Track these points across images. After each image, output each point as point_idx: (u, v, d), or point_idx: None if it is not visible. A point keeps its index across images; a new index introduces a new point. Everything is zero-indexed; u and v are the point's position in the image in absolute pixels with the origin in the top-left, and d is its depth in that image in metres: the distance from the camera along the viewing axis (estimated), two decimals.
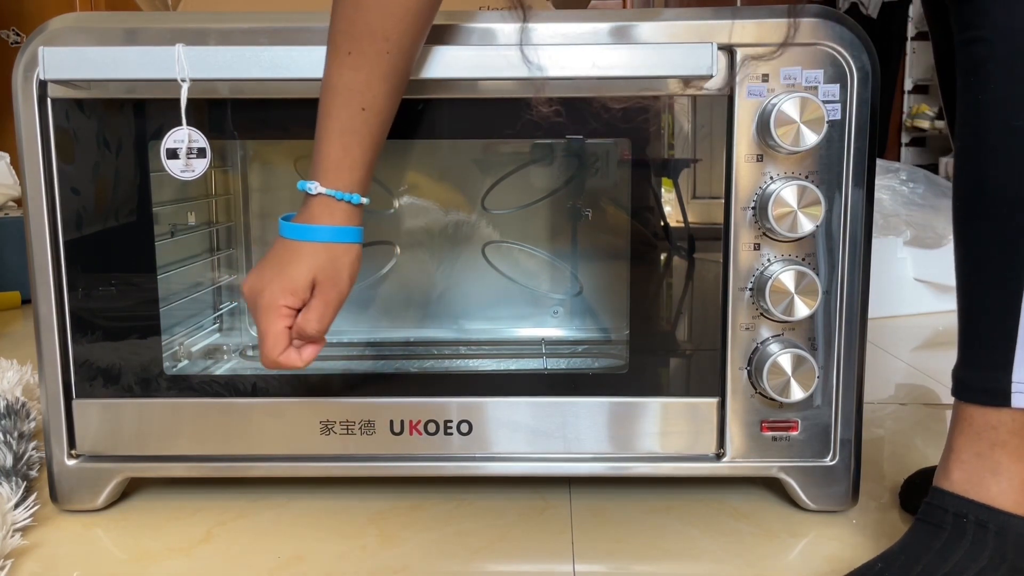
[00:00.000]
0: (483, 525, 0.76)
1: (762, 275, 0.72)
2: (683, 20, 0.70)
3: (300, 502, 0.80)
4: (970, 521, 0.59)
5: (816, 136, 0.68)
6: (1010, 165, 0.58)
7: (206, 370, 0.94)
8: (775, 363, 0.71)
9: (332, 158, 0.63)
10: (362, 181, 0.65)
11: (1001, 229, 0.59)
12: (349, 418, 0.76)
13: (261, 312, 0.64)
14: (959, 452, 0.62)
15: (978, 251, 0.61)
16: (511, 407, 0.76)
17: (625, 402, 0.76)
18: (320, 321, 0.65)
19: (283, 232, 0.66)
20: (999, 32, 0.57)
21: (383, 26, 0.62)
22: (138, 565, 0.70)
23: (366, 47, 0.62)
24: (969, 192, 0.61)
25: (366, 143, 0.64)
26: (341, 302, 0.66)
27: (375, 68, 0.62)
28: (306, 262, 0.64)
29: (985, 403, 0.61)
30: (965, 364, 0.63)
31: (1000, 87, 0.57)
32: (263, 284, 0.65)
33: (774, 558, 0.70)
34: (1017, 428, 0.60)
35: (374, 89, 0.63)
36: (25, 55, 0.71)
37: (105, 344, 0.76)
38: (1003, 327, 0.59)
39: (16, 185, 1.92)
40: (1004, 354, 0.59)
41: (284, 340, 0.65)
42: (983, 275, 0.61)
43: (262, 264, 0.66)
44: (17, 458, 0.82)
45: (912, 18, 3.86)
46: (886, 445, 0.96)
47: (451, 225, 1.01)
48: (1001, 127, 0.58)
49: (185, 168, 0.71)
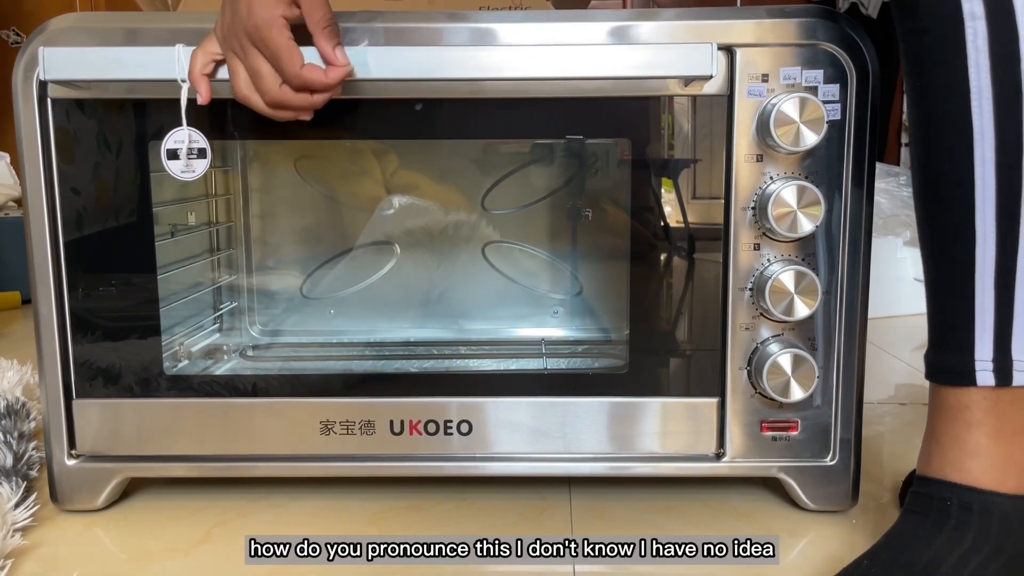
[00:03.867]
0: (483, 525, 0.76)
1: (762, 275, 0.72)
2: (683, 20, 0.70)
3: (300, 502, 0.80)
4: (953, 504, 0.60)
5: (816, 136, 0.68)
6: (946, 147, 0.59)
7: (206, 370, 0.94)
8: (775, 363, 0.71)
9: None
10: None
11: (949, 209, 0.60)
12: (349, 418, 0.76)
13: (262, 31, 0.62)
14: (938, 437, 0.63)
15: (931, 232, 0.62)
16: (511, 407, 0.76)
17: (625, 402, 0.76)
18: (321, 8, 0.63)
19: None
20: (933, 19, 0.58)
21: None
22: (138, 565, 0.70)
23: None
24: (918, 175, 0.63)
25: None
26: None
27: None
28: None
29: (954, 383, 0.62)
30: (933, 346, 0.64)
31: (935, 74, 0.59)
32: (247, 7, 0.62)
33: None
34: (989, 407, 0.60)
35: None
36: (25, 55, 0.71)
37: (105, 344, 0.76)
38: (961, 306, 0.61)
39: (16, 185, 1.91)
40: (965, 333, 0.61)
41: (298, 52, 0.63)
42: (937, 256, 0.62)
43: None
44: (17, 458, 0.82)
45: None
46: (886, 445, 0.96)
47: (451, 225, 1.01)
48: (937, 112, 0.60)
49: (185, 168, 0.71)
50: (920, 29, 0.60)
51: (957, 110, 0.58)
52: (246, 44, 0.63)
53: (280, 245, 1.03)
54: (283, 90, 0.64)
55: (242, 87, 0.65)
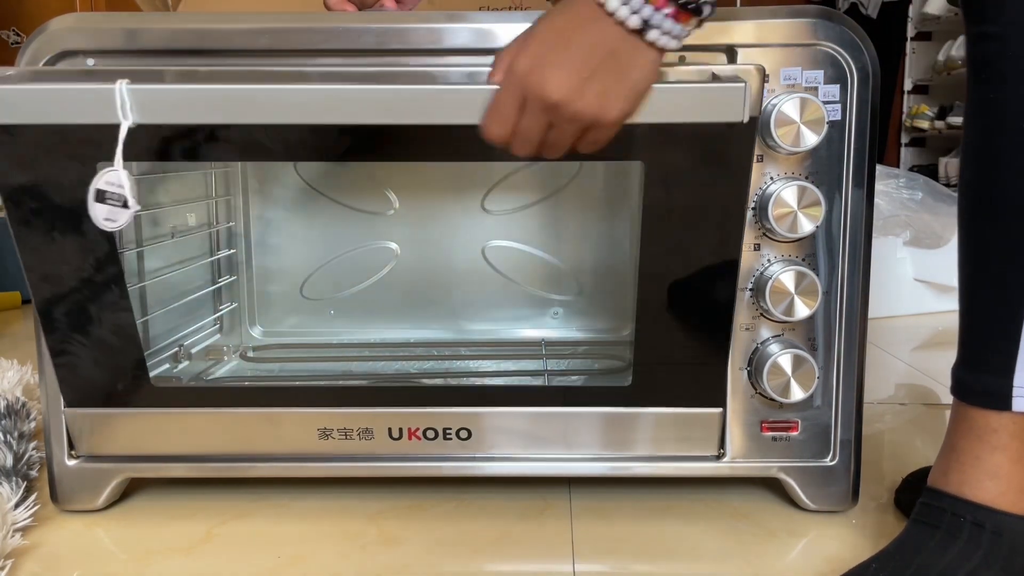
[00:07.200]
0: (483, 525, 0.76)
1: (762, 275, 0.72)
2: None
3: (300, 502, 0.80)
4: (966, 521, 0.59)
5: (816, 137, 0.68)
6: (1016, 167, 0.57)
7: (204, 372, 0.94)
8: (775, 363, 0.71)
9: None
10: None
11: (1005, 232, 0.58)
12: (347, 426, 0.76)
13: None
14: (959, 454, 0.62)
15: (981, 252, 0.60)
16: (511, 416, 0.75)
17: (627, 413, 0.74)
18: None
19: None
20: (1014, 28, 0.55)
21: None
22: (138, 565, 0.70)
23: None
24: (974, 192, 0.60)
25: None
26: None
27: None
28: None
29: (986, 406, 0.60)
30: (966, 364, 0.63)
31: (1011, 86, 0.56)
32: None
33: (774, 558, 0.70)
34: (1017, 431, 0.60)
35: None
36: (26, 55, 0.71)
37: (84, 356, 0.73)
38: (1005, 330, 0.59)
39: None
40: (1006, 358, 0.59)
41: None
42: (986, 277, 0.60)
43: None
44: (17, 458, 0.82)
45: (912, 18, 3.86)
46: (886, 445, 0.96)
47: (451, 225, 1.01)
48: (1010, 128, 0.57)
49: (109, 216, 0.63)
50: (993, 35, 0.56)
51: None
52: (558, 115, 0.56)
53: (280, 246, 1.03)
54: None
55: (501, 123, 0.58)
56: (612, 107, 0.56)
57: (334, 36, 0.70)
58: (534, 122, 0.57)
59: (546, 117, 0.56)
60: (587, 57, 0.54)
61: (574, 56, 0.54)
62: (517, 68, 0.56)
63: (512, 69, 0.56)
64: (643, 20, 0.53)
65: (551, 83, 0.54)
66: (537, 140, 0.58)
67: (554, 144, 0.58)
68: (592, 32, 0.54)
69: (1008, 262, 0.58)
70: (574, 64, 0.54)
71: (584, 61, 0.54)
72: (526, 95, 0.56)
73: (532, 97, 0.55)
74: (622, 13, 0.53)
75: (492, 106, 0.58)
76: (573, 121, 0.56)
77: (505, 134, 0.58)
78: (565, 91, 0.54)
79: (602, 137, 0.58)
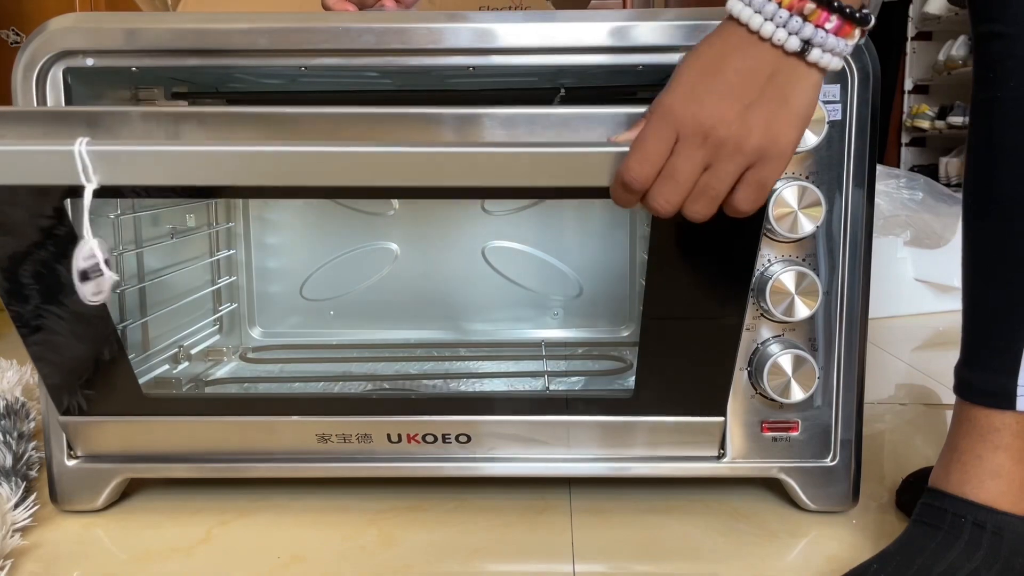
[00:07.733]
0: (483, 525, 0.75)
1: (762, 276, 0.72)
2: (683, 21, 0.70)
3: (300, 502, 0.80)
4: (967, 521, 0.59)
5: (816, 137, 0.68)
6: (1022, 167, 0.57)
7: (206, 372, 0.94)
8: (775, 364, 0.71)
9: None
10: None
11: (1010, 231, 0.58)
12: (346, 432, 0.75)
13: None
14: (960, 453, 0.62)
15: (986, 251, 0.60)
16: (510, 424, 0.75)
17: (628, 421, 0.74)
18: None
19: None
20: (1020, 27, 0.55)
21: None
22: (138, 565, 0.70)
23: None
24: (979, 191, 0.60)
25: None
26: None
27: None
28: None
29: (989, 405, 0.60)
30: (969, 364, 0.63)
31: (1016, 85, 0.56)
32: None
33: (774, 558, 0.70)
34: (1020, 431, 0.60)
35: None
36: (25, 55, 0.71)
37: (70, 366, 0.72)
38: (1010, 330, 0.59)
39: None
40: (1011, 357, 0.59)
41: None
42: (990, 276, 0.60)
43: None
44: (17, 458, 0.82)
45: (912, 18, 3.86)
46: (886, 445, 0.96)
47: (451, 226, 1.01)
48: (1015, 127, 0.56)
49: (96, 291, 0.60)
50: (999, 34, 0.56)
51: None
52: (719, 149, 0.50)
53: (280, 246, 1.03)
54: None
55: (645, 162, 0.51)
56: (780, 136, 0.50)
57: (334, 36, 0.70)
58: (687, 161, 0.50)
59: (702, 154, 0.50)
60: (745, 83, 0.49)
61: (731, 82, 0.49)
62: (665, 101, 0.50)
63: (659, 103, 0.51)
64: (803, 41, 0.49)
65: (707, 110, 0.49)
66: (687, 184, 0.50)
67: (709, 189, 0.51)
68: (747, 58, 0.49)
69: (1012, 262, 0.58)
70: (732, 91, 0.49)
71: (743, 88, 0.49)
72: (679, 129, 0.49)
73: (686, 130, 0.49)
74: (780, 36, 0.48)
75: (636, 144, 0.51)
76: (736, 155, 0.49)
77: (648, 174, 0.51)
78: (726, 120, 0.48)
79: (771, 175, 0.51)
